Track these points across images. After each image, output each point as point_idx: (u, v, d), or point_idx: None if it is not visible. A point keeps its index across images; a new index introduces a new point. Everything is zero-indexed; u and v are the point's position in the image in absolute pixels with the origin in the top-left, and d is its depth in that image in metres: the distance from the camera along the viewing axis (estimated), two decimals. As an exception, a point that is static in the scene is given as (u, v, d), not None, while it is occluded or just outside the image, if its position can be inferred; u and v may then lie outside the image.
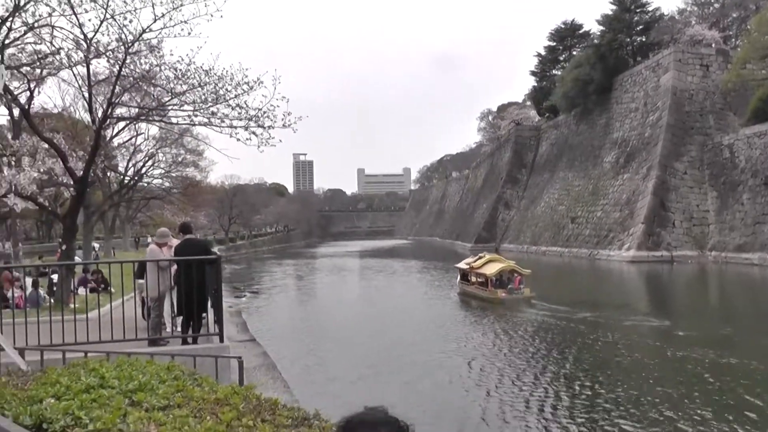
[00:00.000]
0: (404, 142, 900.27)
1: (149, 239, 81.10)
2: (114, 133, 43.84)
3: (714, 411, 15.14)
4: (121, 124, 37.07)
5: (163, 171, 62.82)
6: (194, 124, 19.78)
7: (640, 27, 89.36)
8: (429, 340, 25.97)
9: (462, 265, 43.57)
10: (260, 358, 18.96)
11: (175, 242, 14.32)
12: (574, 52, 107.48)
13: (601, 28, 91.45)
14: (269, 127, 18.18)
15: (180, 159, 63.19)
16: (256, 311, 36.36)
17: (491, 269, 38.87)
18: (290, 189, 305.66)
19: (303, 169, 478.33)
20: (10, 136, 34.42)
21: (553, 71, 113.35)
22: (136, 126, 48.50)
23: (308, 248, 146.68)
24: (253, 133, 18.24)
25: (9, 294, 17.81)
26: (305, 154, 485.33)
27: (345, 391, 18.07)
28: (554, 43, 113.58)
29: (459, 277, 44.50)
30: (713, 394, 16.77)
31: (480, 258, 41.56)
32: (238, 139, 18.23)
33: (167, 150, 60.03)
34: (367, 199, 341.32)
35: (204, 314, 13.73)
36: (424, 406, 16.14)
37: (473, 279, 41.40)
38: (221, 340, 12.19)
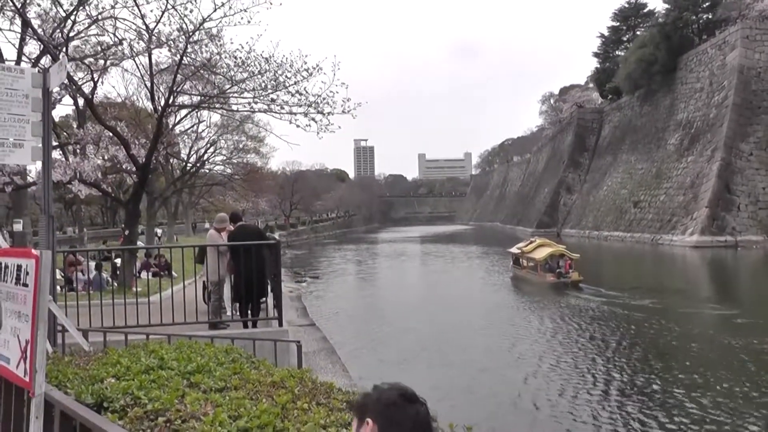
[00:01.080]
0: (465, 127, 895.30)
1: (206, 225, 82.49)
2: (176, 121, 44.59)
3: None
4: (183, 111, 37.73)
5: (224, 157, 63.80)
6: (254, 111, 20.02)
7: (707, 4, 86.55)
8: (476, 326, 26.14)
9: (514, 249, 44.74)
10: (319, 342, 19.07)
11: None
12: (638, 32, 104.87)
13: (666, 6, 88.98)
14: (328, 113, 18.28)
15: (241, 146, 64.10)
16: (316, 296, 36.66)
17: (540, 254, 39.77)
18: (351, 175, 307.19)
19: (364, 155, 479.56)
20: (75, 125, 35.37)
21: (617, 52, 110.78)
22: (198, 113, 49.35)
23: (369, 233, 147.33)
24: (313, 119, 18.36)
25: (74, 277, 18.33)
26: (366, 140, 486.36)
27: (400, 374, 18.12)
28: (618, 23, 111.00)
29: (512, 262, 45.66)
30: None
31: (531, 243, 42.64)
32: (298, 126, 18.37)
33: (228, 137, 60.92)
34: (427, 184, 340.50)
35: (263, 299, 13.89)
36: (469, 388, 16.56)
37: (524, 263, 42.30)
38: (280, 324, 12.33)
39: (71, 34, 19.93)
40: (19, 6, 19.73)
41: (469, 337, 23.55)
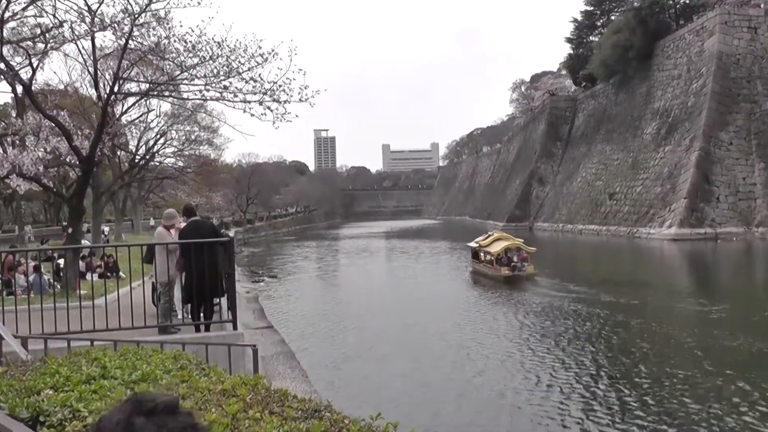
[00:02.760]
0: (432, 116, 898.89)
1: (151, 221, 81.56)
2: (123, 110, 44.00)
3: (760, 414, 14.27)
4: (131, 100, 37.28)
5: (175, 149, 63.12)
6: (206, 99, 19.85)
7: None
8: (428, 326, 26.57)
9: (473, 244, 46.20)
10: (277, 346, 19.03)
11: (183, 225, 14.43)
12: (613, 17, 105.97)
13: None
14: (285, 101, 18.17)
15: (193, 136, 63.51)
16: (275, 296, 36.50)
17: (496, 247, 41.38)
18: (311, 167, 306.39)
19: (325, 146, 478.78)
20: (13, 115, 34.74)
21: (591, 37, 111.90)
22: (147, 102, 48.78)
23: (330, 229, 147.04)
24: (268, 108, 18.25)
25: (13, 280, 18.02)
26: (326, 130, 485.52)
27: (361, 378, 18.41)
28: (591, 8, 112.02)
29: (471, 256, 47.37)
30: (753, 386, 15.99)
31: (489, 236, 44.28)
32: (252, 115, 18.25)
33: (179, 127, 60.34)
34: (392, 176, 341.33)
35: (217, 300, 13.80)
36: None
37: (482, 257, 43.96)
38: (235, 327, 12.27)
39: (6, 15, 19.55)
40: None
41: (417, 337, 24.04)
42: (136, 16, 18.00)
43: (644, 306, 29.04)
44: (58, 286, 16.71)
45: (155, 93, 21.40)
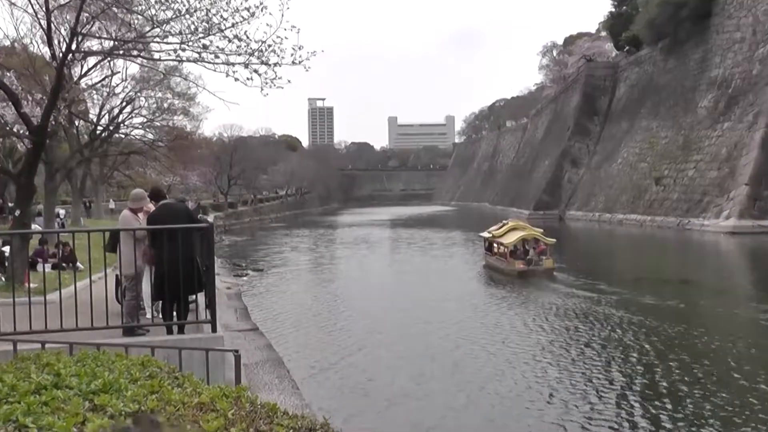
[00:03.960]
0: (447, 86, 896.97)
1: (111, 204, 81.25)
2: (82, 72, 43.75)
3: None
4: (91, 60, 37.06)
5: (144, 119, 62.81)
6: (182, 61, 19.65)
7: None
8: (432, 329, 26.64)
9: (485, 233, 46.64)
10: (264, 351, 18.91)
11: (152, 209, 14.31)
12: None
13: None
14: (275, 64, 18.00)
15: (166, 105, 63.04)
16: (260, 293, 36.51)
17: (510, 238, 41.77)
18: (305, 143, 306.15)
19: (320, 118, 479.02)
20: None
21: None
22: (111, 63, 48.42)
23: (326, 216, 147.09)
24: (255, 71, 18.07)
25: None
26: (323, 99, 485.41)
27: (361, 393, 18.43)
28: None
29: (484, 248, 47.96)
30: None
31: (503, 225, 44.67)
32: (237, 80, 18.07)
33: (150, 93, 59.93)
34: (400, 155, 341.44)
35: (193, 297, 13.70)
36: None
37: (496, 249, 44.57)
38: (214, 329, 12.17)
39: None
40: None
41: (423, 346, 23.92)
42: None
43: (693, 311, 28.79)
44: (3, 279, 16.66)
45: (121, 52, 21.25)
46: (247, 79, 18.01)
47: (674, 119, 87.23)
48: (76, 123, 51.53)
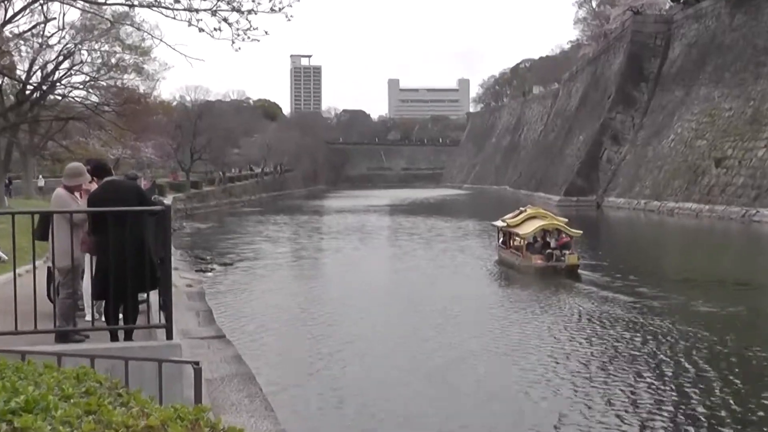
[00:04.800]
0: (460, 42, 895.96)
1: (40, 181, 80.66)
2: (6, 18, 43.57)
3: None
4: (18, 2, 36.86)
5: (87, 78, 62.69)
6: (133, 5, 19.55)
7: None
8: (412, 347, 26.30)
9: (499, 222, 46.93)
10: (231, 364, 18.80)
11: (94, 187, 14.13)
12: None
13: None
14: (249, 11, 17.88)
15: (114, 60, 62.97)
16: (228, 292, 36.46)
17: (527, 228, 41.81)
18: (286, 110, 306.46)
19: (305, 79, 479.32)
20: None
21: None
22: (44, 7, 48.25)
23: (311, 199, 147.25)
24: (225, 20, 17.96)
25: None
26: (309, 56, 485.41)
27: (347, 414, 18.48)
28: None
29: (497, 240, 48.39)
30: None
31: (520, 213, 44.67)
32: (201, 30, 17.97)
33: (93, 46, 59.81)
34: (401, 126, 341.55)
35: (143, 296, 13.59)
36: None
37: (511, 241, 44.87)
38: (169, 336, 12.05)
39: None
40: None
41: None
42: None
43: (763, 323, 28.57)
44: None
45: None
46: (215, 29, 17.91)
47: (741, 87, 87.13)
48: (0, 81, 51.26)
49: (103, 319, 13.15)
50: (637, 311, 29.82)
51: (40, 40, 55.23)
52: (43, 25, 54.02)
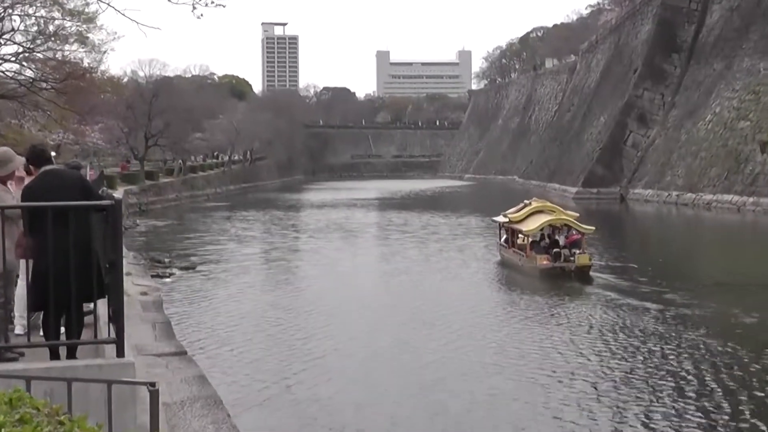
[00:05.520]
0: (461, 7, 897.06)
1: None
2: None
3: None
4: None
5: (20, 49, 62.59)
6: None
7: None
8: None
9: (500, 218, 47.51)
10: (193, 385, 18.72)
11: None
12: None
13: None
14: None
15: (52, 28, 62.84)
16: (191, 301, 36.48)
17: (531, 224, 42.28)
18: (257, 87, 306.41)
19: (280, 51, 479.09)
20: None
21: None
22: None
23: (286, 192, 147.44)
24: (183, -20, 17.86)
25: None
26: (284, 25, 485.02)
27: None
28: None
29: (499, 237, 49.03)
30: None
31: (525, 206, 45.17)
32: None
33: (27, 11, 59.72)
34: (392, 106, 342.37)
35: (90, 306, 13.48)
36: None
37: (515, 239, 45.26)
38: (120, 353, 11.93)
39: None
40: None
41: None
42: None
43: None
44: None
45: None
46: (173, -7, 17.78)
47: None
48: None
49: (41, 333, 13.03)
50: (660, 321, 29.81)
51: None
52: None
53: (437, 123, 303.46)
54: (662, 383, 22.33)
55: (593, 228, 43.30)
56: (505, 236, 47.29)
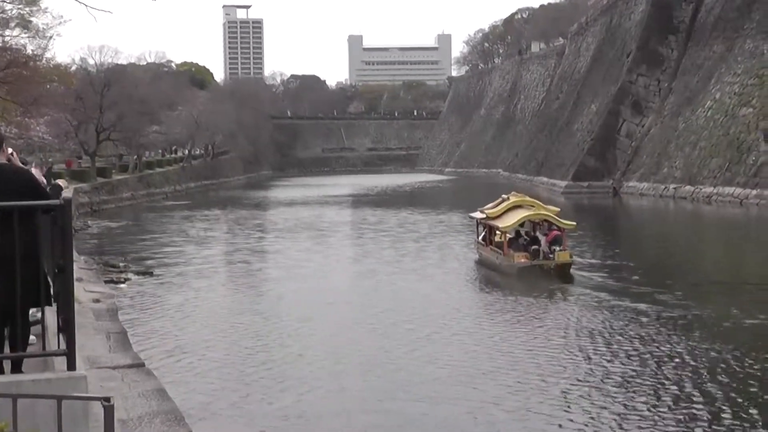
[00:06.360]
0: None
1: None
2: None
3: None
4: None
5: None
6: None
7: None
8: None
9: (477, 214, 48.07)
10: (152, 400, 18.69)
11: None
12: None
13: None
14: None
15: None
16: (149, 309, 36.36)
17: (508, 220, 42.70)
18: (218, 76, 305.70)
19: (243, 36, 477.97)
20: None
21: None
22: None
23: (252, 189, 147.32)
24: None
25: None
26: (247, 7, 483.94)
27: None
28: None
29: (477, 235, 49.52)
30: None
31: (502, 201, 45.55)
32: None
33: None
34: (366, 95, 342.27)
35: (36, 315, 13.43)
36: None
37: (493, 236, 45.55)
38: (71, 366, 11.89)
39: None
40: None
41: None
42: None
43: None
44: None
45: None
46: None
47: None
48: None
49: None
50: (646, 323, 29.70)
51: None
52: None
53: (415, 113, 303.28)
54: (639, 391, 22.24)
55: (574, 223, 43.59)
56: (483, 233, 47.56)
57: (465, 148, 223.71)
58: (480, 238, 48.18)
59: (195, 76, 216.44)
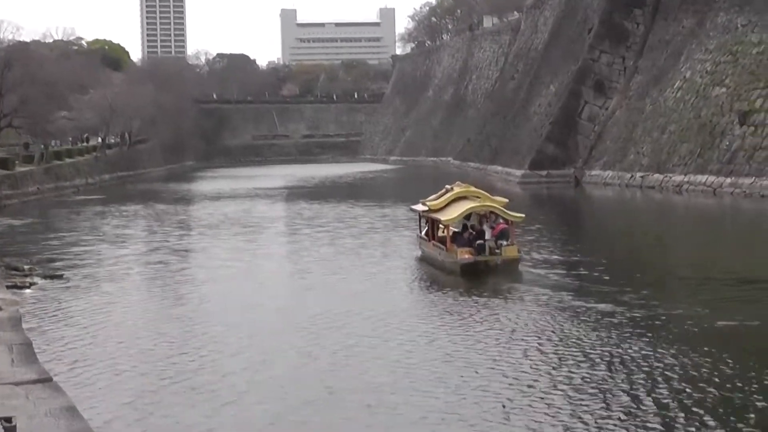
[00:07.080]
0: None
1: None
2: None
3: None
4: None
5: None
6: None
7: None
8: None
9: (419, 206, 48.11)
10: (61, 419, 18.59)
11: None
12: None
13: None
14: None
15: None
16: (57, 317, 36.16)
17: (452, 212, 42.74)
18: (135, 55, 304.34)
19: (163, 11, 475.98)
20: None
21: None
22: None
23: (174, 181, 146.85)
24: None
25: None
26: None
27: None
28: None
29: (420, 229, 49.70)
30: None
31: (446, 192, 45.69)
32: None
33: None
34: (301, 76, 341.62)
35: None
36: None
37: (436, 230, 45.70)
38: (-31, 382, 11.99)
39: None
40: None
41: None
42: None
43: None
44: None
45: None
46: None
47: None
48: None
49: None
50: (598, 325, 29.96)
51: None
52: None
53: (355, 95, 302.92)
54: (584, 402, 22.26)
55: (522, 215, 43.53)
56: (426, 228, 47.72)
57: (411, 135, 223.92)
58: (423, 232, 48.40)
59: (108, 55, 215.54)
